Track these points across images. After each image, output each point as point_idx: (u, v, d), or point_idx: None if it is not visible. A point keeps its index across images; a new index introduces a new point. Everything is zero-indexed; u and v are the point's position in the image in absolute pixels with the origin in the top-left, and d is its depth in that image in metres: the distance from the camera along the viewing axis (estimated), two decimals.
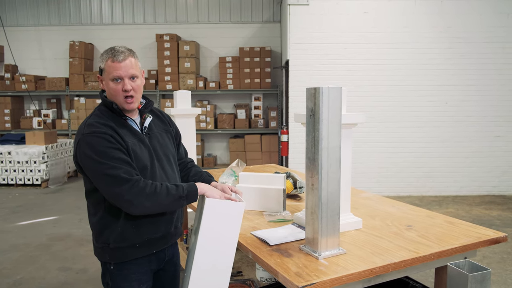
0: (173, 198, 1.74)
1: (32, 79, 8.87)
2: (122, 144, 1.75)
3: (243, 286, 2.96)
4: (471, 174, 6.97)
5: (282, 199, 2.47)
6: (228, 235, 1.82)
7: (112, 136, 1.73)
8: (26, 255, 4.40)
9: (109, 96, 1.83)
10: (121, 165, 1.69)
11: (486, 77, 6.83)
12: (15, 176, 7.60)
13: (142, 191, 1.68)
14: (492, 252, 4.33)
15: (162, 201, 1.73)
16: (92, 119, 1.78)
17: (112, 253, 1.83)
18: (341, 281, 1.62)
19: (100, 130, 1.72)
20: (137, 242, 1.83)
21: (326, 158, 1.78)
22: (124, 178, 1.67)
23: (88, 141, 1.71)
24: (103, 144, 1.70)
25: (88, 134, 1.72)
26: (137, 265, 1.88)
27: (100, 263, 1.94)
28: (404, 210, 2.54)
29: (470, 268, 1.76)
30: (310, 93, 1.79)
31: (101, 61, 1.80)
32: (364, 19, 6.81)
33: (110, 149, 1.70)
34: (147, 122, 1.91)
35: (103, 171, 1.68)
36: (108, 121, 1.78)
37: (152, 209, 1.74)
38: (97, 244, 1.88)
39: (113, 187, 1.67)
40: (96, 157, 1.68)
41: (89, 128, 1.73)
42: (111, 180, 1.67)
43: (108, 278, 1.89)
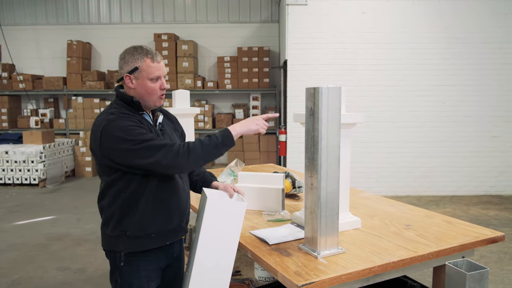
0: (208, 148, 1.78)
1: (29, 78, 8.85)
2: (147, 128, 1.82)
3: (241, 286, 2.97)
4: (468, 174, 6.99)
5: (281, 199, 2.48)
6: (229, 234, 1.82)
7: (138, 119, 1.81)
8: (24, 254, 4.39)
9: (140, 94, 1.87)
10: (152, 136, 1.75)
11: (484, 77, 6.86)
12: (12, 175, 7.58)
13: (177, 153, 1.72)
14: (490, 251, 4.34)
15: (199, 154, 1.76)
16: (113, 109, 1.84)
17: (128, 242, 1.85)
18: (340, 280, 1.63)
19: (125, 116, 1.79)
20: (152, 232, 1.87)
21: (325, 158, 1.78)
22: (158, 145, 1.72)
23: (115, 125, 1.75)
24: (130, 124, 1.76)
25: (113, 120, 1.76)
26: (147, 262, 1.91)
27: (109, 260, 1.94)
28: (402, 209, 2.55)
29: (468, 267, 1.77)
30: (309, 93, 1.80)
31: (134, 60, 1.83)
32: (363, 19, 6.82)
33: (137, 128, 1.75)
34: (160, 119, 1.98)
35: (135, 145, 1.71)
36: (129, 113, 1.85)
37: (192, 164, 1.78)
38: (111, 233, 1.87)
39: (149, 157, 1.71)
40: (125, 135, 1.72)
41: (113, 116, 1.79)
42: (145, 151, 1.71)
43: (117, 275, 1.90)
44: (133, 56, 1.84)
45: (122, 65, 1.87)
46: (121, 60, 1.88)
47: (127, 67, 1.85)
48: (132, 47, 1.87)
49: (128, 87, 1.88)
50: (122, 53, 1.89)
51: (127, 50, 1.87)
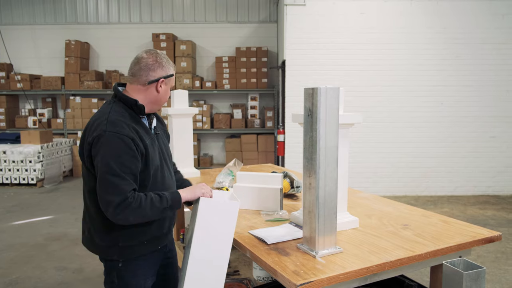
0: (157, 210, 1.79)
1: (27, 78, 8.83)
2: (141, 149, 1.79)
3: (240, 285, 2.97)
4: (466, 174, 7.02)
5: (280, 199, 2.49)
6: (223, 233, 1.83)
7: (134, 141, 1.76)
8: (22, 254, 4.38)
9: (160, 97, 1.91)
10: (127, 177, 1.72)
11: (482, 78, 6.88)
12: (10, 175, 7.57)
13: (129, 206, 1.70)
14: (487, 251, 4.36)
15: (146, 214, 1.76)
16: (113, 116, 1.79)
17: (121, 251, 1.86)
18: (338, 279, 1.64)
19: (124, 131, 1.74)
20: (145, 240, 1.90)
21: (323, 158, 1.79)
22: (122, 191, 1.70)
23: (110, 141, 1.72)
24: (122, 148, 1.72)
25: (111, 132, 1.73)
26: (144, 260, 1.94)
27: (104, 262, 1.94)
28: (400, 209, 2.56)
29: (465, 266, 1.78)
30: (308, 93, 1.81)
31: (170, 67, 1.90)
32: (361, 19, 6.84)
33: (126, 156, 1.73)
34: (154, 123, 1.99)
35: (108, 174, 1.70)
36: (127, 119, 1.81)
37: (134, 222, 1.78)
38: (102, 243, 1.87)
39: (109, 194, 1.70)
40: (110, 158, 1.70)
41: (112, 126, 1.74)
42: (111, 187, 1.70)
43: (114, 277, 1.90)
44: (169, 63, 1.90)
45: (155, 69, 1.86)
46: (155, 63, 1.86)
47: (162, 72, 1.87)
48: (161, 53, 1.90)
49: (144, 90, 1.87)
50: (153, 57, 1.87)
51: (159, 55, 1.87)
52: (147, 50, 1.90)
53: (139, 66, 1.86)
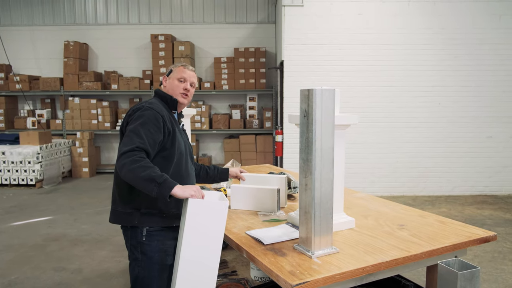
0: (147, 176, 1.86)
1: (26, 79, 8.83)
2: (169, 128, 2.11)
3: (237, 285, 2.99)
4: (463, 174, 7.04)
5: (277, 199, 2.50)
6: (213, 233, 1.85)
7: (163, 118, 2.10)
8: (21, 255, 4.39)
9: (168, 89, 2.28)
10: (145, 138, 1.99)
11: (479, 78, 6.90)
12: (9, 176, 7.57)
13: (129, 158, 1.91)
14: (484, 251, 4.38)
15: (137, 174, 1.87)
16: (152, 101, 2.20)
17: (142, 218, 2.07)
18: (334, 279, 1.66)
19: (157, 109, 2.12)
20: (164, 212, 2.09)
21: (319, 159, 1.81)
22: (133, 144, 1.95)
23: (144, 112, 2.08)
24: (151, 117, 2.06)
25: (147, 107, 2.10)
26: (163, 236, 2.11)
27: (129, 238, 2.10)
28: (396, 210, 2.58)
29: (460, 266, 1.80)
30: (303, 94, 1.82)
31: (174, 67, 2.32)
32: (359, 20, 6.86)
33: (152, 124, 2.04)
34: (183, 122, 2.40)
35: (131, 132, 2.01)
36: (164, 109, 2.19)
37: (127, 174, 1.90)
38: (123, 210, 2.10)
39: (124, 146, 1.96)
40: (138, 123, 2.03)
41: (150, 104, 2.14)
42: (128, 141, 1.97)
43: (137, 253, 2.08)
44: (174, 65, 2.34)
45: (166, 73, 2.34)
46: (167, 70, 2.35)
47: (166, 72, 2.33)
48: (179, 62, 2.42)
49: (163, 87, 2.31)
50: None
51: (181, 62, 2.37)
52: None
53: None
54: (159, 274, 2.10)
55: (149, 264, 2.08)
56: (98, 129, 8.87)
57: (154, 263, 2.08)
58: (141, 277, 2.09)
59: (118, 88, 8.78)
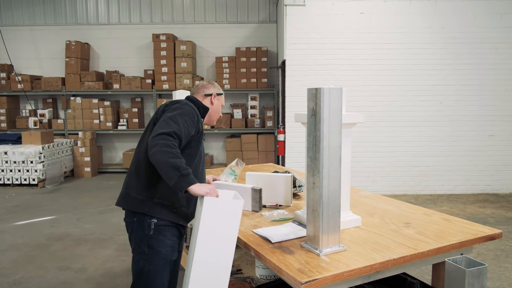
0: (174, 164, 1.90)
1: (28, 79, 8.84)
2: (199, 128, 2.22)
3: (243, 284, 3.00)
4: (465, 173, 7.05)
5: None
6: (227, 232, 1.85)
7: (197, 115, 2.22)
8: (25, 254, 4.40)
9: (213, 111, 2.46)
10: (182, 127, 2.05)
11: (480, 77, 6.91)
12: (11, 176, 7.59)
13: (164, 140, 1.95)
14: (487, 249, 4.39)
15: (166, 157, 1.91)
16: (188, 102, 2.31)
17: (152, 207, 2.11)
18: (342, 276, 1.67)
19: (193, 107, 2.26)
20: (175, 207, 2.15)
21: (327, 157, 1.82)
22: (171, 130, 2.00)
23: (184, 105, 2.20)
24: (190, 111, 2.17)
25: (187, 104, 2.23)
26: (170, 232, 2.15)
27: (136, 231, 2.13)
28: (402, 208, 2.59)
29: (467, 263, 1.81)
30: (311, 93, 1.83)
31: (219, 89, 2.50)
32: (360, 19, 6.87)
33: (189, 119, 2.12)
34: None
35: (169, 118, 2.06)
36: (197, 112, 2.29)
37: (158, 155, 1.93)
38: (137, 195, 2.14)
39: (161, 126, 2.02)
40: (177, 112, 2.11)
41: (188, 102, 2.28)
42: (166, 123, 2.04)
43: (144, 246, 2.11)
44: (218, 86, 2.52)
45: (209, 87, 2.45)
46: (209, 84, 2.47)
47: (215, 90, 2.47)
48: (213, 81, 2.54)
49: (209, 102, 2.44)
50: (209, 80, 2.51)
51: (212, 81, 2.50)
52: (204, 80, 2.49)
53: (197, 87, 2.46)
54: (164, 269, 2.14)
55: (155, 259, 2.11)
56: (100, 129, 8.88)
57: (160, 257, 2.12)
58: (146, 270, 2.12)
59: (119, 88, 8.79)
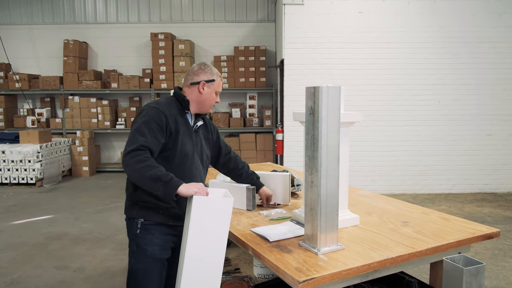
0: (153, 178, 1.91)
1: (25, 78, 8.82)
2: (171, 128, 2.10)
3: (241, 283, 3.00)
4: (463, 172, 7.06)
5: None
6: (217, 230, 1.85)
7: (166, 118, 2.09)
8: (23, 254, 4.39)
9: (203, 98, 2.25)
10: (149, 137, 2.01)
11: (479, 76, 6.92)
12: (9, 175, 7.57)
13: (134, 158, 1.94)
14: (484, 248, 4.40)
15: (144, 174, 1.92)
16: (161, 101, 2.20)
17: (139, 210, 2.13)
18: (340, 275, 1.67)
19: (162, 108, 2.12)
20: (161, 209, 2.12)
21: (325, 156, 1.82)
22: (137, 142, 1.98)
23: (149, 110, 2.11)
24: (155, 116, 2.07)
25: (153, 106, 2.13)
26: (159, 231, 2.14)
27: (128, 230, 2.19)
28: (400, 207, 2.59)
29: (465, 262, 1.81)
30: (309, 92, 1.83)
31: (212, 74, 2.26)
32: (359, 18, 6.87)
33: (154, 123, 2.05)
34: (199, 124, 2.31)
35: (135, 129, 2.04)
36: (173, 108, 2.18)
37: (133, 173, 1.96)
38: (127, 200, 2.20)
39: (128, 145, 2.00)
40: (143, 119, 2.06)
41: (155, 104, 2.16)
42: (132, 139, 2.01)
43: (133, 245, 2.15)
44: (212, 70, 2.26)
45: (199, 73, 2.24)
46: (199, 70, 2.24)
47: (205, 76, 2.24)
48: (209, 64, 2.30)
49: (197, 91, 2.23)
50: (200, 65, 2.27)
51: (205, 64, 2.27)
52: (198, 62, 2.31)
53: (187, 73, 2.29)
54: (152, 268, 2.13)
55: (142, 257, 2.13)
56: (98, 128, 8.86)
57: (147, 256, 2.12)
58: (135, 269, 2.15)
59: (118, 87, 8.78)
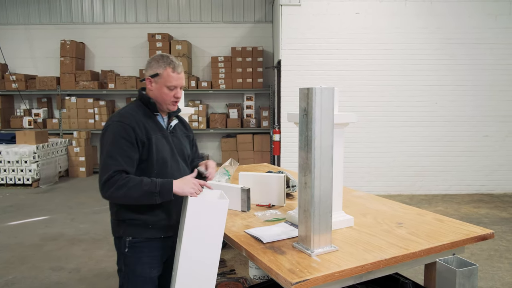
0: (144, 193, 1.86)
1: (22, 78, 8.79)
2: (142, 138, 1.96)
3: (236, 284, 2.99)
4: (460, 173, 7.07)
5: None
6: (213, 232, 1.85)
7: (134, 129, 1.94)
8: (18, 255, 4.38)
9: (155, 96, 2.06)
10: (119, 158, 1.89)
11: (475, 77, 6.94)
12: (5, 176, 7.54)
13: (114, 184, 1.85)
14: (480, 249, 4.41)
15: (132, 194, 1.86)
16: (125, 110, 2.04)
17: (126, 228, 2.01)
18: (333, 277, 1.66)
19: (126, 120, 1.96)
20: (149, 223, 2.01)
21: (318, 157, 1.81)
22: (109, 169, 1.86)
23: (113, 127, 1.95)
24: (119, 132, 1.92)
25: (116, 121, 1.96)
26: (148, 248, 2.03)
27: (116, 248, 2.08)
28: (395, 208, 2.59)
29: (458, 263, 1.81)
30: (303, 93, 1.83)
31: (158, 67, 2.02)
32: (356, 19, 6.87)
33: (123, 140, 1.91)
34: (173, 123, 2.16)
35: (104, 154, 1.92)
36: (139, 115, 2.01)
37: (120, 200, 1.92)
38: (113, 219, 2.07)
39: (101, 173, 1.89)
40: (108, 142, 1.92)
41: (118, 117, 1.98)
42: (103, 167, 1.89)
43: (121, 264, 2.04)
44: (158, 63, 2.03)
45: (147, 68, 2.06)
46: (147, 63, 2.07)
47: (150, 71, 2.04)
48: (160, 55, 2.06)
49: (148, 89, 2.07)
50: (150, 59, 2.08)
51: (154, 57, 2.06)
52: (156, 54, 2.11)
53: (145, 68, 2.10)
54: (142, 287, 2.04)
55: (131, 276, 2.03)
56: (95, 129, 8.84)
57: (136, 275, 2.03)
58: None
59: (115, 87, 8.76)
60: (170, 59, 2.04)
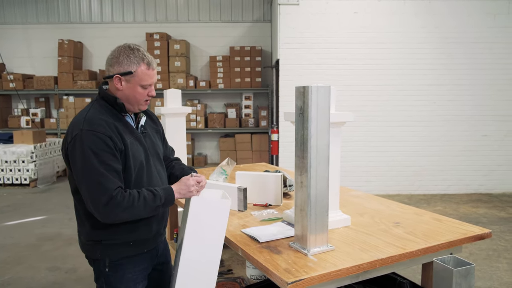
0: (150, 209, 1.74)
1: (20, 78, 8.77)
2: (120, 147, 1.72)
3: (233, 284, 2.98)
4: (459, 173, 7.06)
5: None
6: (214, 232, 1.84)
7: (111, 138, 1.69)
8: (15, 255, 4.36)
9: (126, 96, 1.80)
10: (110, 175, 1.66)
11: (474, 77, 6.93)
12: (3, 175, 7.52)
13: (119, 204, 1.65)
14: (479, 249, 4.40)
15: (140, 212, 1.72)
16: (91, 114, 1.73)
17: (104, 250, 1.80)
18: (330, 276, 1.65)
19: (100, 129, 1.68)
20: (130, 240, 1.83)
21: (314, 156, 1.80)
22: (108, 189, 1.63)
23: (86, 139, 1.65)
24: (99, 145, 1.66)
25: (88, 130, 1.67)
26: (132, 264, 1.87)
27: (93, 267, 1.88)
28: (392, 207, 2.58)
29: (455, 263, 1.80)
30: (299, 91, 1.81)
31: (130, 64, 1.76)
32: (354, 19, 6.86)
33: (106, 154, 1.66)
34: (142, 121, 1.91)
35: (91, 174, 1.64)
36: (108, 117, 1.75)
37: (128, 219, 1.73)
38: (86, 241, 1.83)
39: (94, 193, 1.64)
40: (89, 158, 1.64)
41: (88, 124, 1.68)
42: (95, 186, 1.64)
43: (102, 283, 1.84)
44: (129, 59, 1.76)
45: (113, 64, 1.78)
46: (113, 58, 1.78)
47: (119, 68, 1.77)
48: (129, 47, 1.78)
49: (115, 88, 1.79)
50: (116, 52, 1.79)
51: (122, 50, 1.77)
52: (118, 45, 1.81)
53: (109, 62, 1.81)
54: None
55: None
56: None
57: None
58: None
59: None
60: (142, 53, 1.78)
